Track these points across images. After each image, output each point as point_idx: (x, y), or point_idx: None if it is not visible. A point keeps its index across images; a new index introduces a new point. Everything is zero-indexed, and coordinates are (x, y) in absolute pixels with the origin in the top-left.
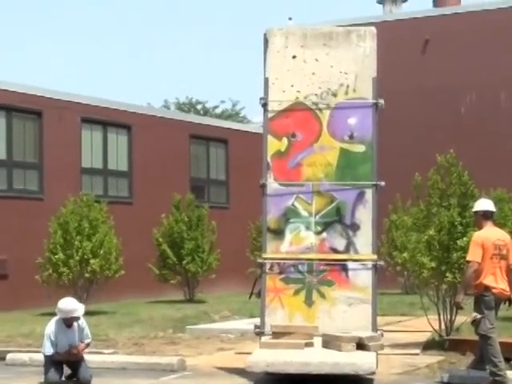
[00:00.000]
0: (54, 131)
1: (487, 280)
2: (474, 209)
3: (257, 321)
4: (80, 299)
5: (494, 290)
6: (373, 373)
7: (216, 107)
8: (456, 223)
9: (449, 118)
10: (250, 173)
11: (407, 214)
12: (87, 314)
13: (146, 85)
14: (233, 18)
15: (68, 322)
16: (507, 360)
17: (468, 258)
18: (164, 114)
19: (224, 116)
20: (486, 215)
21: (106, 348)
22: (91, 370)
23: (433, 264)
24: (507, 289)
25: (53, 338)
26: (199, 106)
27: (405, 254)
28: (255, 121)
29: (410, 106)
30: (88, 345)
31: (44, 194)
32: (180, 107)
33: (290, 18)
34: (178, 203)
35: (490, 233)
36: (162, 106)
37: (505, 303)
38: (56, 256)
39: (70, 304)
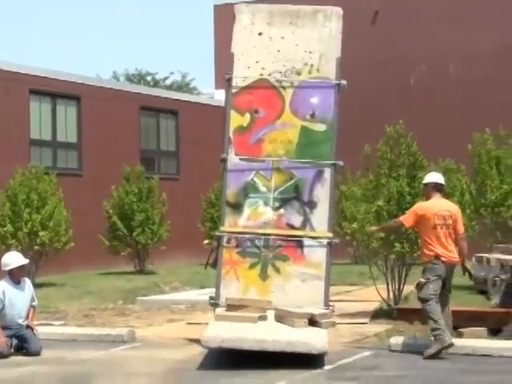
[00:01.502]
0: (1, 103)
1: (436, 249)
2: (425, 181)
3: (207, 292)
4: (29, 272)
5: (442, 259)
6: (325, 352)
7: (166, 78)
8: (405, 193)
9: (398, 90)
10: (200, 144)
11: (356, 185)
12: (37, 286)
13: (94, 56)
14: None
15: (15, 276)
16: (455, 328)
17: (401, 218)
18: (114, 86)
19: (174, 87)
20: (437, 187)
21: (56, 320)
22: (41, 342)
23: (382, 234)
24: (455, 256)
25: (1, 296)
26: (149, 78)
27: (354, 225)
28: (205, 92)
29: (359, 77)
30: (35, 309)
31: None
32: (129, 78)
33: None
34: (128, 175)
35: (435, 203)
36: (112, 78)
37: (464, 274)
38: (4, 228)
39: (14, 255)
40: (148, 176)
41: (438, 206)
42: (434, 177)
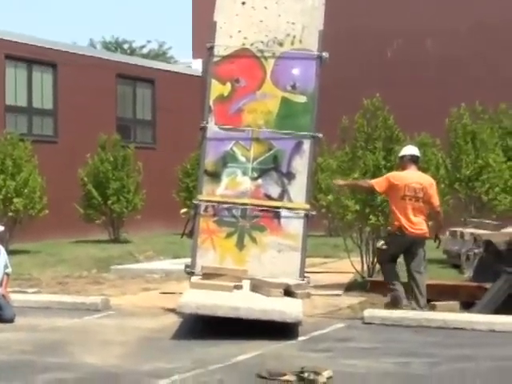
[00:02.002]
0: None
1: (400, 220)
2: (401, 153)
3: (181, 261)
4: (3, 239)
5: (405, 230)
6: (299, 322)
7: (143, 47)
8: (381, 167)
9: (376, 63)
10: (177, 114)
11: (333, 157)
12: (10, 253)
13: (71, 23)
14: None
15: None
16: (427, 301)
17: (372, 181)
18: (90, 53)
19: (151, 56)
20: (413, 159)
21: (30, 287)
22: (14, 309)
23: (357, 207)
24: (421, 228)
25: None
26: (126, 46)
27: (329, 197)
28: (182, 61)
29: (336, 49)
30: (8, 276)
31: None
32: (106, 46)
33: None
34: (104, 143)
35: (409, 175)
36: (88, 45)
37: (435, 241)
38: None
39: None
40: (124, 145)
41: (411, 177)
42: (410, 149)
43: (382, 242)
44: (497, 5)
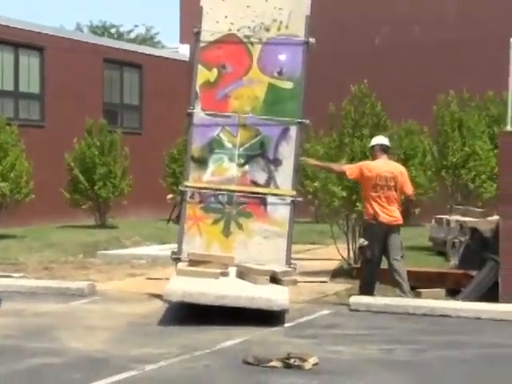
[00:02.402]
0: None
1: (375, 208)
2: (372, 143)
3: (168, 247)
4: None
5: (380, 218)
6: (286, 309)
7: (130, 31)
8: (368, 154)
9: (364, 49)
10: (164, 99)
11: (320, 144)
12: None
13: (58, 7)
14: None
15: None
16: (413, 288)
17: (345, 167)
18: (77, 37)
19: (138, 41)
20: (383, 148)
21: (16, 272)
22: (0, 294)
23: (344, 193)
24: (395, 216)
25: None
26: (113, 30)
27: (316, 183)
28: (170, 47)
29: (325, 36)
30: None
31: None
32: (93, 30)
33: None
34: (91, 128)
35: (380, 164)
36: (75, 29)
37: (398, 232)
38: None
39: None
40: (111, 129)
41: (383, 167)
42: (380, 139)
43: (362, 239)
44: None
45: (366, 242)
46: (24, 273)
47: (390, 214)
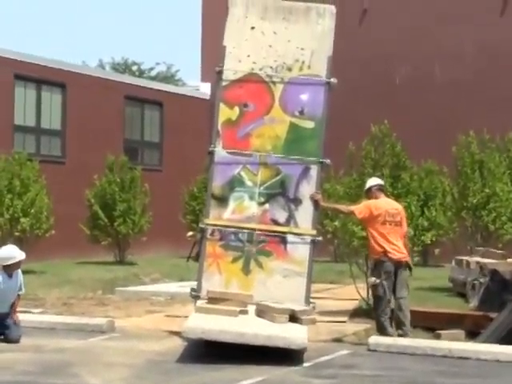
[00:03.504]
0: None
1: (384, 246)
2: (368, 185)
3: (187, 284)
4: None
5: (390, 255)
6: (305, 348)
7: (151, 69)
8: (388, 193)
9: (384, 89)
10: (184, 136)
11: (339, 183)
12: None
13: (81, 43)
14: None
15: (9, 269)
16: (432, 330)
17: (352, 208)
18: (99, 74)
19: (159, 78)
20: (381, 188)
21: (35, 307)
22: (22, 330)
23: (363, 233)
24: (403, 252)
25: None
26: (134, 67)
27: (336, 223)
28: (190, 84)
29: (346, 75)
30: (19, 297)
31: None
32: (115, 67)
33: None
34: (112, 164)
35: (383, 202)
36: (97, 66)
37: (406, 269)
38: None
39: (10, 250)
40: (131, 166)
41: (388, 204)
42: (375, 180)
43: (373, 278)
44: (504, 29)
45: (378, 280)
46: (43, 308)
47: (399, 250)
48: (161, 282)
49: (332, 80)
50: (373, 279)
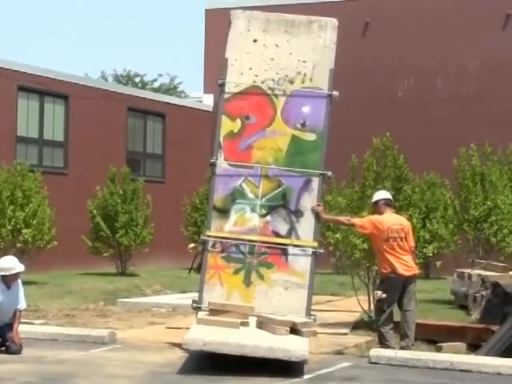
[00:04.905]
0: None
1: (388, 262)
2: (375, 199)
3: (188, 296)
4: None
5: (399, 271)
6: (305, 360)
7: (154, 81)
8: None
9: (386, 102)
10: (186, 148)
11: (341, 195)
12: None
13: (83, 55)
14: None
15: (8, 280)
16: (434, 342)
17: (355, 220)
18: (102, 86)
19: (162, 90)
20: (388, 203)
21: (37, 319)
22: (23, 341)
23: (365, 245)
24: (412, 266)
25: None
26: (137, 79)
27: (337, 235)
28: (193, 96)
29: (347, 88)
30: (20, 312)
31: None
32: (118, 79)
33: None
34: (114, 176)
35: (388, 218)
36: (100, 78)
37: (414, 282)
38: None
39: (9, 261)
40: (133, 178)
41: (392, 220)
42: (383, 194)
43: (380, 292)
44: (506, 44)
45: (385, 295)
46: (45, 319)
47: (408, 264)
48: (162, 293)
49: (334, 93)
50: (379, 293)
